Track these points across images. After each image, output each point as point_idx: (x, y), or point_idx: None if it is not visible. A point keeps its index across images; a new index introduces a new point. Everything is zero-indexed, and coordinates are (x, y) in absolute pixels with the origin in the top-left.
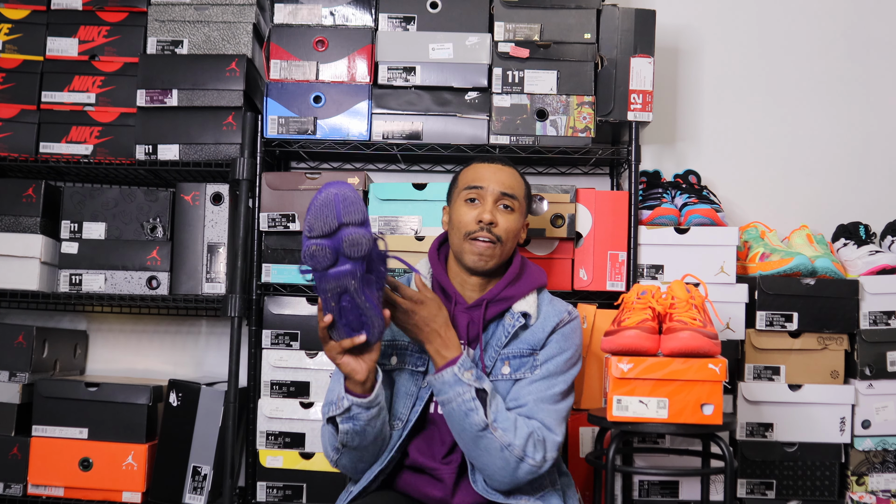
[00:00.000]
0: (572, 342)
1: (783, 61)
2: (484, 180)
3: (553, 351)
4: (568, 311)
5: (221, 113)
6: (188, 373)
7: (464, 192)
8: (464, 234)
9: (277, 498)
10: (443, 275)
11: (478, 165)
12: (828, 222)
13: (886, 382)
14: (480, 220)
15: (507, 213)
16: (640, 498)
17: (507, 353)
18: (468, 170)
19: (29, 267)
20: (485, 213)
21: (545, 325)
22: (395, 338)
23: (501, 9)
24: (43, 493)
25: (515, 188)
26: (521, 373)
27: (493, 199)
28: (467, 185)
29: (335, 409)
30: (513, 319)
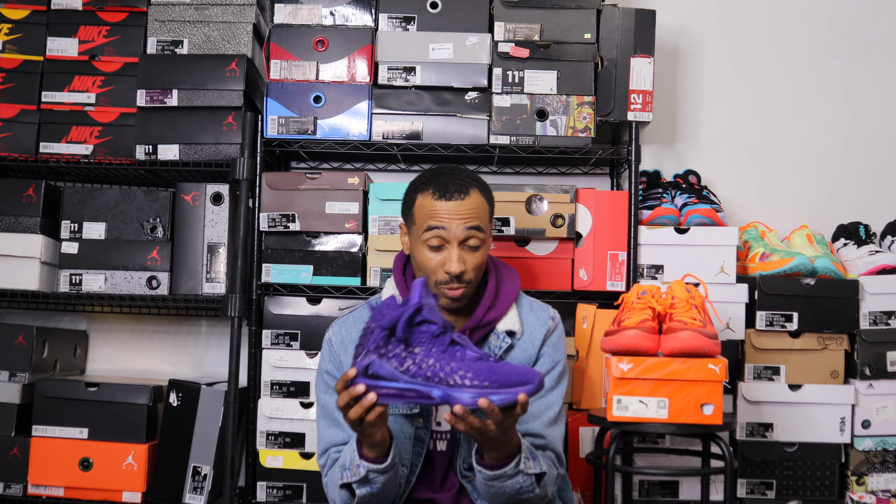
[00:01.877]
0: (561, 350)
1: (783, 61)
2: (443, 220)
3: (547, 365)
4: (552, 317)
5: (221, 113)
6: (188, 373)
7: (425, 234)
8: (434, 283)
9: (277, 498)
10: None
11: (436, 203)
12: (828, 222)
13: (886, 382)
14: (448, 271)
15: (474, 253)
16: (640, 498)
17: None
18: (425, 204)
19: (29, 267)
20: (452, 265)
21: (533, 339)
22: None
23: (501, 9)
24: (43, 493)
25: (480, 217)
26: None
27: (458, 242)
28: (428, 227)
29: (350, 475)
30: (499, 340)
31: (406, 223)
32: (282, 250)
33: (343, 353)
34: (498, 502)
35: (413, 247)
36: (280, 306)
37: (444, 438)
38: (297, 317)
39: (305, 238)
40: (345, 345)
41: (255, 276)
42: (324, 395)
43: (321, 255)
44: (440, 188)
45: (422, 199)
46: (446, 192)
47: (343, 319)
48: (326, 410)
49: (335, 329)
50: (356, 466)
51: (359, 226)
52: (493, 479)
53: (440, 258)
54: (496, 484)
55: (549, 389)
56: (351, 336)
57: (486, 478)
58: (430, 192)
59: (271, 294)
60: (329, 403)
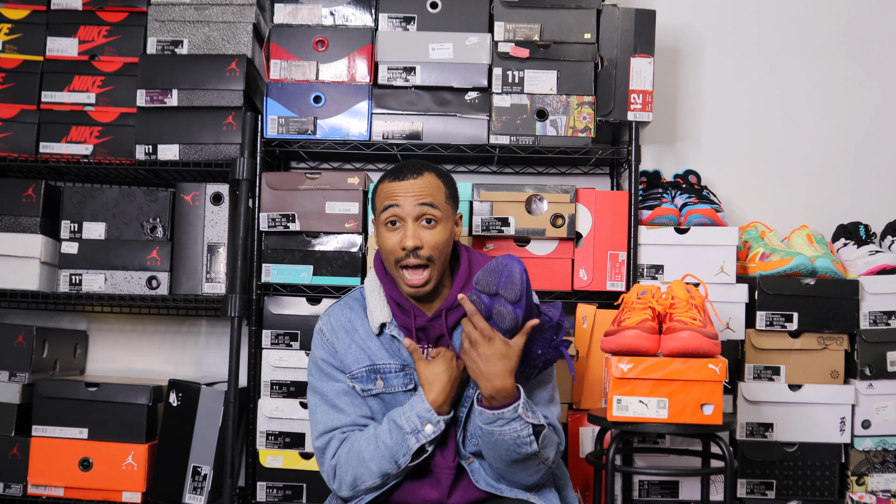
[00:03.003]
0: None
1: (783, 61)
2: (398, 198)
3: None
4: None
5: (221, 113)
6: (188, 373)
7: (381, 215)
8: (393, 262)
9: (277, 498)
10: (394, 289)
11: (391, 184)
12: (828, 222)
13: (886, 382)
14: (404, 246)
15: (430, 227)
16: (640, 498)
17: None
18: (382, 188)
19: (29, 267)
20: (407, 240)
21: None
22: (374, 362)
23: (501, 9)
24: (43, 493)
25: (435, 195)
26: None
27: (412, 218)
28: (383, 206)
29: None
30: None
31: (372, 211)
32: (282, 250)
33: (335, 339)
34: (498, 458)
35: (377, 234)
36: (280, 306)
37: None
38: (297, 317)
39: (305, 238)
40: (335, 331)
41: (255, 276)
42: (320, 383)
43: (321, 255)
44: (395, 172)
45: (380, 186)
46: (400, 174)
47: (330, 310)
48: (325, 397)
49: (324, 319)
50: (435, 423)
51: (359, 226)
52: (492, 421)
53: (397, 237)
54: (495, 430)
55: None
56: (340, 322)
57: (486, 420)
58: (387, 178)
59: (271, 294)
60: (328, 390)
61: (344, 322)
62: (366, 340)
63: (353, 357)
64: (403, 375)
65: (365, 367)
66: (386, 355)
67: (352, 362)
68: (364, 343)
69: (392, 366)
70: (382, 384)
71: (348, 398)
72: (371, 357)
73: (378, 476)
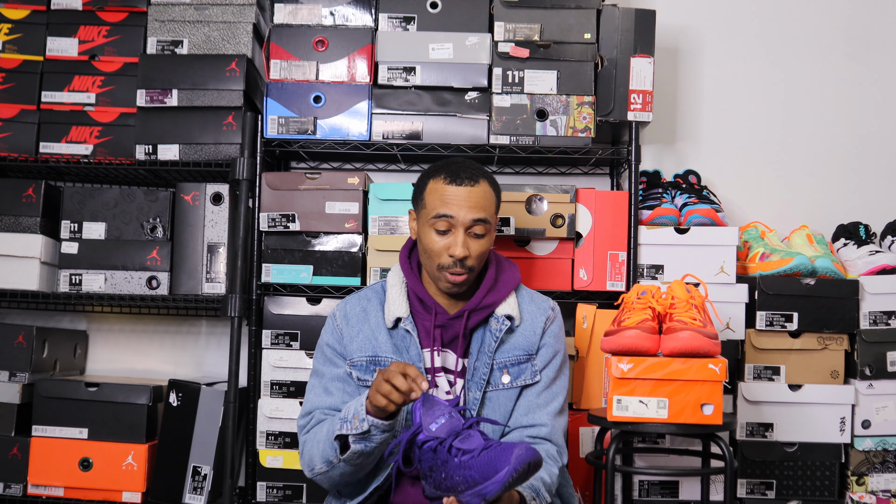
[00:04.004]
0: (561, 340)
1: (783, 61)
2: (454, 208)
3: (548, 355)
4: (551, 307)
5: (221, 113)
6: (188, 373)
7: (433, 220)
8: (437, 266)
9: (277, 498)
10: (418, 285)
11: (447, 187)
12: (828, 222)
13: (886, 382)
14: (452, 254)
15: (478, 240)
16: (640, 498)
17: (503, 360)
18: (437, 188)
19: (29, 267)
20: (456, 248)
21: (535, 326)
22: (377, 353)
23: (501, 9)
24: (43, 493)
25: (487, 208)
26: (523, 380)
27: (464, 229)
28: (437, 213)
29: (350, 427)
30: (498, 324)
31: (416, 208)
32: (282, 250)
33: (345, 325)
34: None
35: (421, 230)
36: (280, 306)
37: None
38: (297, 317)
39: (305, 238)
40: (347, 318)
41: (255, 276)
42: (321, 366)
43: (321, 255)
44: (452, 174)
45: (433, 184)
46: (457, 178)
47: (349, 298)
48: (322, 380)
49: (340, 306)
50: (360, 420)
51: (359, 226)
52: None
53: (445, 242)
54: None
55: (551, 380)
56: (354, 311)
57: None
58: (442, 177)
59: (271, 294)
60: (326, 373)
61: (358, 311)
62: (374, 332)
63: (357, 345)
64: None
65: (366, 357)
66: (391, 350)
67: (355, 350)
68: (372, 333)
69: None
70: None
71: (342, 384)
72: (375, 349)
73: (323, 461)
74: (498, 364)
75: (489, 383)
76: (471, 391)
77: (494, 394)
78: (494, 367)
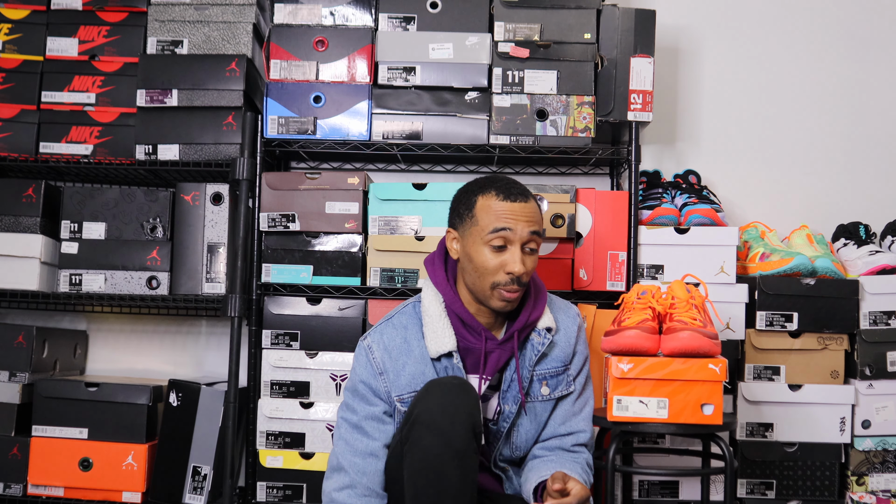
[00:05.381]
0: (587, 344)
1: (783, 61)
2: (512, 222)
3: (580, 362)
4: (577, 314)
5: (221, 113)
6: (188, 373)
7: (489, 236)
8: (490, 284)
9: (277, 498)
10: (457, 303)
11: (502, 203)
12: (828, 222)
13: (886, 382)
14: (510, 271)
15: (531, 254)
16: (640, 498)
17: (542, 372)
18: (490, 204)
19: (29, 267)
20: (515, 265)
21: (569, 336)
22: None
23: (501, 9)
24: (43, 493)
25: (539, 221)
26: (560, 391)
27: (521, 243)
28: (494, 228)
29: None
30: (540, 338)
31: (459, 226)
32: (282, 250)
33: (388, 359)
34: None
35: (471, 249)
36: (280, 306)
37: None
38: (297, 317)
39: (305, 238)
40: (389, 351)
41: (255, 276)
42: (354, 402)
43: (321, 255)
44: (503, 190)
45: (484, 201)
46: (510, 194)
47: (382, 328)
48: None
49: (375, 337)
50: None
51: (359, 226)
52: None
53: (501, 259)
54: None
55: (583, 386)
56: (395, 343)
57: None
58: (493, 193)
59: (271, 294)
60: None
61: (399, 342)
62: (421, 363)
63: (405, 380)
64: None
65: (415, 392)
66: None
67: (404, 385)
68: (418, 367)
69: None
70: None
71: (377, 423)
72: (426, 381)
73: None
74: (538, 376)
75: (528, 395)
76: (507, 404)
77: (531, 405)
78: (534, 379)
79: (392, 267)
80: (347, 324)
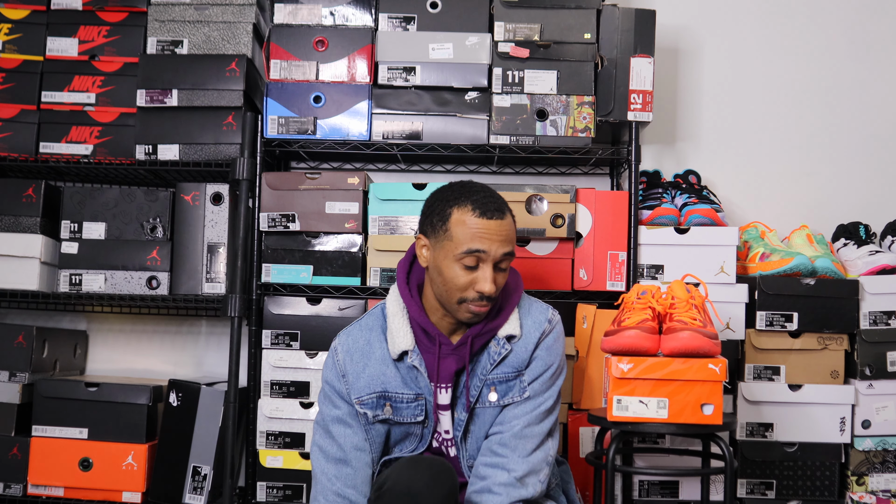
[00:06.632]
0: (556, 352)
1: (783, 61)
2: (487, 242)
3: (539, 368)
4: (548, 320)
5: (221, 113)
6: (188, 373)
7: (462, 255)
8: (458, 299)
9: (277, 498)
10: (421, 315)
11: (478, 220)
12: (828, 222)
13: (886, 382)
14: (481, 290)
15: (502, 273)
16: (640, 498)
17: (493, 377)
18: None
19: (29, 267)
20: (486, 285)
21: (527, 343)
22: (386, 389)
23: (501, 9)
24: (43, 493)
25: (513, 237)
26: (510, 398)
27: (493, 263)
28: (468, 249)
29: None
30: (498, 346)
31: (431, 235)
32: (282, 250)
33: (349, 361)
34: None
35: (440, 262)
36: (280, 306)
37: (452, 444)
38: (297, 317)
39: (305, 238)
40: (350, 353)
41: (255, 276)
42: (322, 405)
43: (321, 255)
44: (480, 205)
45: (460, 215)
46: (487, 211)
47: (350, 329)
48: (320, 418)
49: (342, 338)
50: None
51: (359, 226)
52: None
53: (472, 277)
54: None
55: (539, 392)
56: (358, 344)
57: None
58: (469, 208)
59: (271, 294)
60: (325, 413)
61: (362, 344)
62: (381, 366)
63: (364, 382)
64: (415, 406)
65: (375, 394)
66: (400, 384)
67: (363, 387)
68: (379, 368)
69: (405, 395)
70: (391, 411)
71: (342, 427)
72: (384, 384)
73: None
74: (488, 381)
75: (478, 400)
76: (458, 411)
77: (482, 410)
78: (484, 386)
79: (392, 267)
80: (347, 324)
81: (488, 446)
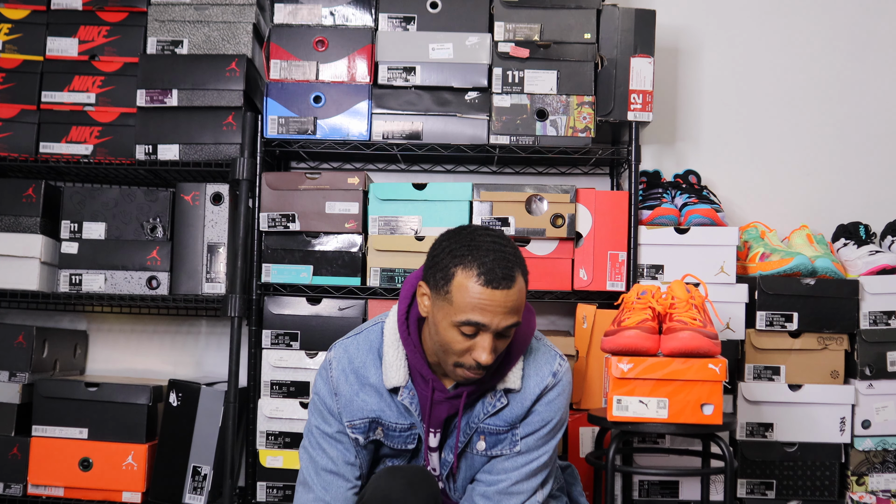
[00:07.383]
0: (557, 406)
1: (783, 61)
2: (489, 315)
3: (535, 423)
4: (553, 373)
5: (221, 113)
6: (188, 373)
7: (461, 323)
8: (454, 363)
9: (277, 498)
10: (418, 359)
11: (482, 289)
12: (828, 222)
13: (886, 382)
14: (477, 359)
15: (504, 340)
16: (640, 498)
17: (483, 427)
18: (468, 286)
19: (29, 267)
20: (483, 355)
21: (526, 397)
22: (379, 417)
23: (501, 9)
24: (43, 493)
25: (521, 305)
26: (499, 450)
27: (494, 333)
28: (467, 320)
29: None
30: (494, 398)
31: (433, 288)
32: (282, 250)
33: (342, 381)
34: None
35: (439, 323)
36: (280, 306)
37: (440, 479)
38: (297, 317)
39: (305, 238)
40: (345, 373)
41: (255, 276)
42: (312, 416)
43: (321, 255)
44: (486, 272)
45: (463, 278)
46: (493, 280)
47: (347, 343)
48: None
49: (338, 352)
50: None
51: (359, 226)
52: None
53: (470, 343)
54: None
55: (533, 447)
56: (353, 366)
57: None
58: (475, 273)
59: (271, 294)
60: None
61: (357, 365)
62: (375, 394)
63: (357, 406)
64: (408, 435)
65: (369, 419)
66: (394, 414)
67: (356, 410)
68: (373, 396)
69: (399, 425)
70: (383, 435)
71: (332, 442)
72: (378, 412)
73: None
74: (479, 429)
75: (467, 446)
76: (445, 452)
77: (470, 455)
78: (475, 433)
79: (392, 267)
80: (347, 324)
81: (471, 496)
